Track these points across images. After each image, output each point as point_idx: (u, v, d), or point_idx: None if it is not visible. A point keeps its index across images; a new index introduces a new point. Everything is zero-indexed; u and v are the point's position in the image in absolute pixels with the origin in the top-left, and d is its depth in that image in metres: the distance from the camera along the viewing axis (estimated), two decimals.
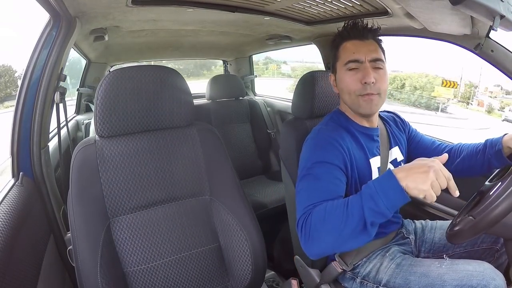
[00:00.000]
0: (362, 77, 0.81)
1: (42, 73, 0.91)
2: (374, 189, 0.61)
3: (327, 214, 0.66)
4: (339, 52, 0.87)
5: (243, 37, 1.81)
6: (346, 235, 0.63)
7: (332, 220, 0.64)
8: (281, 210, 1.24)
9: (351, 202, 0.64)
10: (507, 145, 0.84)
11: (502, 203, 0.66)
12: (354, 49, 0.83)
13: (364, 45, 0.83)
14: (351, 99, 0.84)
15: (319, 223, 0.66)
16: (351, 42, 0.84)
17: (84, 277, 0.71)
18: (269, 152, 2.17)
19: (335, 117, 0.91)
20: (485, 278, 0.69)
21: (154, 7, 1.04)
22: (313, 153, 0.80)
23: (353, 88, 0.82)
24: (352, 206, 0.63)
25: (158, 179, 0.84)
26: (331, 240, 0.65)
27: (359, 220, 0.61)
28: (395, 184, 0.59)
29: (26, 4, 0.91)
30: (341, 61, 0.85)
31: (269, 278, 1.31)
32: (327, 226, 0.65)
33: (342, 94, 0.88)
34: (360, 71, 0.82)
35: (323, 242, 0.67)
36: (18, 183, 0.86)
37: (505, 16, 0.67)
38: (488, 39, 0.90)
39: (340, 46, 0.86)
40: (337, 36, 0.88)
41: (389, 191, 0.59)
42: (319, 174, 0.76)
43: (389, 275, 0.82)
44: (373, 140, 0.90)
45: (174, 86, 0.86)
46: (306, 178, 0.77)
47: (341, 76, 0.86)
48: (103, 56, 1.89)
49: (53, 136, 1.32)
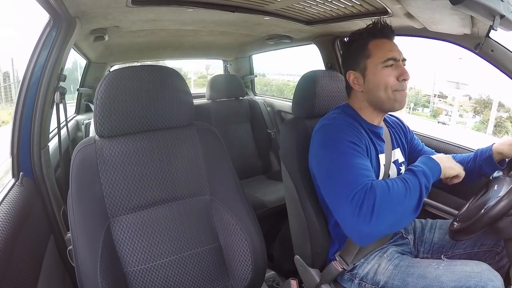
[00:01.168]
0: (400, 74, 0.83)
1: (42, 73, 0.91)
2: (425, 168, 0.74)
3: (391, 192, 0.68)
4: (369, 49, 0.85)
5: (243, 37, 1.81)
6: (409, 210, 0.69)
7: (398, 194, 0.68)
8: (281, 209, 1.25)
9: (408, 179, 0.72)
10: (496, 151, 0.90)
11: (504, 199, 0.67)
12: (390, 47, 0.84)
13: (395, 45, 0.86)
14: (387, 95, 0.84)
15: (384, 198, 0.67)
16: (383, 41, 0.85)
17: (84, 277, 0.71)
18: (269, 152, 2.17)
19: (346, 110, 0.90)
20: (483, 279, 0.69)
21: (154, 7, 1.04)
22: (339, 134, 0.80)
23: (391, 83, 0.83)
24: (411, 182, 0.71)
25: (158, 179, 0.84)
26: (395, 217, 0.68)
27: (419, 195, 0.70)
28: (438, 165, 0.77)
29: (26, 4, 0.91)
30: (376, 58, 0.84)
31: (269, 278, 1.31)
32: (394, 200, 0.68)
33: (376, 90, 0.85)
34: (396, 69, 0.83)
35: (387, 218, 0.67)
36: (18, 183, 0.86)
37: (505, 16, 0.67)
38: (488, 39, 0.90)
39: (370, 43, 0.85)
40: (365, 33, 0.86)
41: (435, 170, 0.76)
42: (355, 152, 0.77)
43: (387, 277, 0.82)
44: (380, 139, 0.91)
45: (174, 86, 0.86)
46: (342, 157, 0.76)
47: (376, 73, 0.84)
48: (103, 56, 1.89)
49: (53, 136, 1.32)
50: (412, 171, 0.75)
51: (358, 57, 0.87)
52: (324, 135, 0.83)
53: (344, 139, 0.78)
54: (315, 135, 0.86)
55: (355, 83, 0.89)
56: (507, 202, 0.67)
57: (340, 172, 0.75)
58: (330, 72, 1.08)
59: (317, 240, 0.92)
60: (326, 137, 0.82)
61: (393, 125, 1.02)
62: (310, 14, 1.19)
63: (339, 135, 0.80)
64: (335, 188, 0.75)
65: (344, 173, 0.74)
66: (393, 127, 1.01)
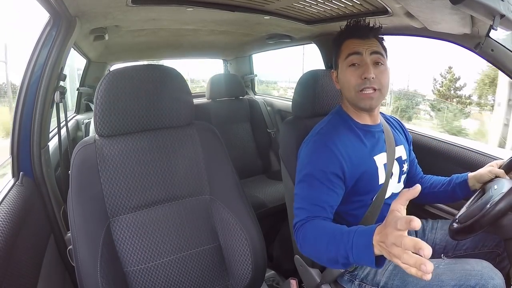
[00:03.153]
0: (362, 73, 0.82)
1: (42, 73, 0.91)
2: (353, 248, 0.61)
3: (317, 239, 0.73)
4: (341, 48, 0.88)
5: (243, 37, 1.81)
6: (325, 260, 0.72)
7: (319, 245, 0.72)
8: (281, 209, 1.24)
9: (335, 240, 0.65)
10: (472, 182, 0.91)
11: (505, 198, 0.67)
12: (355, 44, 0.85)
13: (365, 42, 0.85)
14: (351, 94, 0.85)
15: (308, 240, 0.76)
16: (353, 40, 0.86)
17: (84, 277, 0.71)
18: (269, 151, 2.17)
19: (337, 115, 0.92)
20: (483, 277, 0.69)
21: (154, 7, 1.04)
22: (310, 159, 0.83)
23: (353, 83, 0.83)
24: (336, 244, 0.65)
25: (158, 179, 0.84)
26: (317, 256, 0.76)
27: (336, 258, 0.66)
28: (371, 257, 0.57)
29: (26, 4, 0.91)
30: (343, 55, 0.86)
31: (269, 278, 1.31)
32: (315, 246, 0.74)
33: (343, 90, 0.89)
34: (360, 67, 0.83)
35: (311, 254, 0.77)
36: (18, 183, 0.86)
37: (505, 15, 0.67)
38: (488, 39, 0.90)
39: (342, 44, 0.88)
40: (339, 35, 0.89)
41: (363, 258, 0.59)
42: (313, 182, 0.80)
43: (386, 277, 0.82)
44: (376, 137, 0.90)
45: (174, 85, 0.86)
46: (302, 184, 0.83)
47: (342, 72, 0.87)
48: (103, 55, 1.89)
49: (53, 136, 1.32)
50: (342, 240, 0.64)
51: (335, 56, 0.91)
52: (303, 151, 0.87)
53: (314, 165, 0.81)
54: (303, 143, 0.90)
55: (335, 81, 0.93)
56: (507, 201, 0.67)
57: (296, 195, 0.84)
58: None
59: None
60: (302, 154, 0.87)
61: (393, 121, 1.02)
62: (310, 14, 1.19)
63: (311, 158, 0.83)
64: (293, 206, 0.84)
65: (296, 198, 0.83)
66: (393, 124, 1.01)
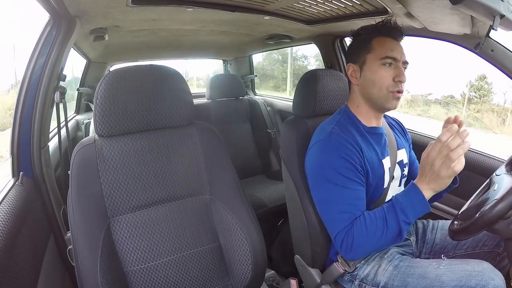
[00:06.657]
0: (397, 75, 0.83)
1: (42, 73, 0.91)
2: (405, 203, 0.74)
3: (369, 231, 0.76)
4: (372, 44, 0.86)
5: (243, 37, 1.81)
6: (387, 242, 0.78)
7: (374, 234, 0.75)
8: (281, 209, 1.24)
9: (388, 215, 0.75)
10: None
11: (505, 198, 0.66)
12: (392, 47, 0.84)
13: (399, 46, 0.86)
14: (380, 93, 0.85)
15: (361, 238, 0.76)
16: (388, 39, 0.85)
17: (84, 277, 0.71)
18: (269, 151, 2.17)
19: (345, 116, 0.91)
20: (484, 278, 0.69)
21: (154, 7, 1.04)
22: (330, 159, 0.82)
23: (386, 82, 0.84)
24: (390, 220, 0.75)
25: (158, 179, 0.84)
26: (374, 248, 0.80)
27: (396, 231, 0.75)
28: (421, 198, 0.72)
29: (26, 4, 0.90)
30: (376, 54, 0.85)
31: (269, 277, 1.31)
32: (370, 240, 0.76)
33: (370, 86, 0.86)
34: (394, 69, 0.84)
35: (365, 250, 0.80)
36: (18, 183, 0.86)
37: (505, 15, 0.67)
38: (488, 39, 0.90)
39: (374, 39, 0.86)
40: (372, 28, 0.87)
41: (417, 205, 0.73)
42: (343, 181, 0.80)
43: (387, 277, 0.82)
44: (382, 140, 0.91)
45: (174, 85, 0.86)
46: (327, 186, 0.81)
47: (373, 68, 0.85)
48: (103, 55, 1.89)
49: (53, 136, 1.32)
50: (393, 208, 0.75)
51: (360, 51, 0.88)
52: (318, 156, 0.86)
53: (335, 165, 0.81)
54: (311, 149, 0.88)
55: (352, 76, 0.90)
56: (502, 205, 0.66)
57: (326, 204, 0.84)
58: (331, 71, 1.07)
59: (317, 240, 0.92)
60: (320, 158, 0.85)
61: (394, 124, 1.02)
62: (310, 14, 1.19)
63: (330, 159, 0.82)
64: (324, 217, 0.86)
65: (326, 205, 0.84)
66: (394, 127, 1.01)
